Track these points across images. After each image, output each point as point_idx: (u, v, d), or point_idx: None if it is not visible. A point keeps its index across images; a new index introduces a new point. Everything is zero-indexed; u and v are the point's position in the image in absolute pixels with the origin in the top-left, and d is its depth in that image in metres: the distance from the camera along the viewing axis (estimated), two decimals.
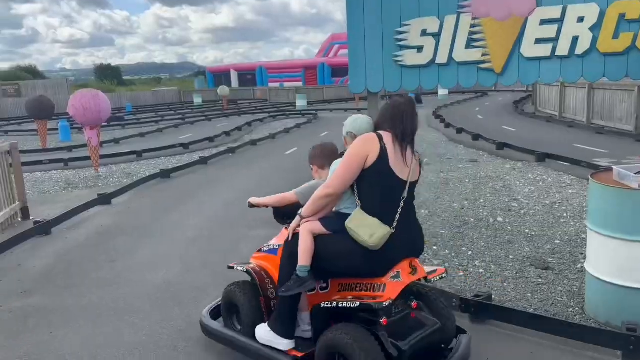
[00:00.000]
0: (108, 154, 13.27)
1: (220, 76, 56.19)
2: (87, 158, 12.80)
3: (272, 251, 3.23)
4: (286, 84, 50.80)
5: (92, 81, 76.47)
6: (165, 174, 10.23)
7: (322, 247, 2.77)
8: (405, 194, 2.73)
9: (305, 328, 3.03)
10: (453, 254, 5.17)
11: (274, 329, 2.94)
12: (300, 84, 50.60)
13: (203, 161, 11.82)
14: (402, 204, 2.72)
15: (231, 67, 55.82)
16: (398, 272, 2.69)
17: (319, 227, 2.80)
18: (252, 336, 3.07)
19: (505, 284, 4.34)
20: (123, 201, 8.22)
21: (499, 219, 6.34)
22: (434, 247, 5.38)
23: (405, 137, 2.72)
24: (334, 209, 2.87)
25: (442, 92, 36.46)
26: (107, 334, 3.71)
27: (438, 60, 5.00)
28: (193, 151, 14.68)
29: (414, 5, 5.01)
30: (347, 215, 2.70)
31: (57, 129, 20.47)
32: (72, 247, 5.83)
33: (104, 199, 7.87)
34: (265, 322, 3.07)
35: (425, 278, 2.84)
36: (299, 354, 2.86)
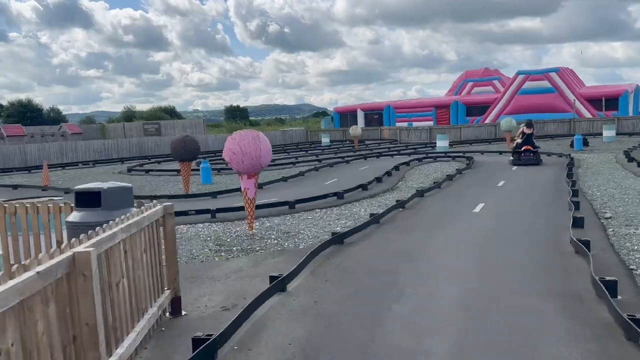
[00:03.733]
0: (258, 204, 11.32)
1: (346, 116, 55.07)
2: (236, 209, 11.00)
3: None
4: (415, 124, 48.13)
5: (222, 122, 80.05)
6: (337, 239, 7.83)
7: None
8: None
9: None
10: None
11: None
12: (430, 123, 47.64)
13: (375, 220, 9.32)
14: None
15: (358, 107, 54.50)
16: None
17: None
18: None
19: None
20: (302, 287, 5.84)
21: None
22: None
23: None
24: None
25: (607, 133, 31.28)
26: None
27: None
28: (349, 202, 12.35)
29: None
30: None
31: (197, 169, 19.54)
32: None
33: (278, 285, 5.54)
34: None
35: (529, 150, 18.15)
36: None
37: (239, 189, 14.59)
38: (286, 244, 8.33)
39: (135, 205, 4.95)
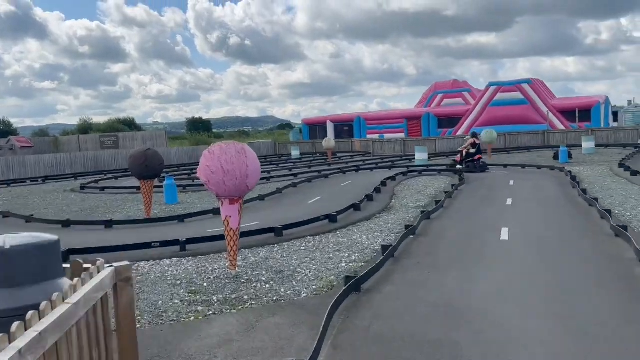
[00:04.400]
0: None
1: (315, 127, 53.49)
2: (210, 238, 8.98)
3: None
4: (386, 135, 47.00)
5: (185, 134, 77.08)
6: (354, 285, 5.95)
7: None
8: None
9: None
10: None
11: None
12: (402, 135, 46.63)
13: (390, 254, 7.49)
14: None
15: (328, 118, 52.97)
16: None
17: None
18: None
19: None
20: None
21: None
22: None
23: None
24: None
25: (586, 144, 30.63)
26: None
27: None
28: (344, 226, 10.52)
29: None
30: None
31: (161, 186, 17.33)
32: None
33: None
34: None
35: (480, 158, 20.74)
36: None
37: (210, 211, 12.61)
38: (282, 289, 6.41)
39: (70, 265, 2.99)
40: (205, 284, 6.80)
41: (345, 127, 51.71)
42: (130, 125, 68.49)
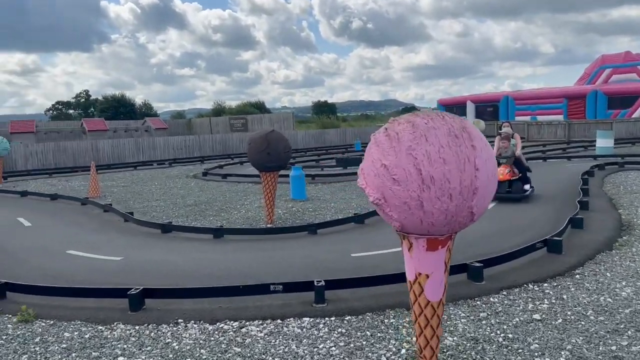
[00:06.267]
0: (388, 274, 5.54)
1: (452, 109, 47.94)
2: (362, 282, 5.30)
3: None
4: (539, 117, 40.26)
5: (310, 117, 75.46)
6: None
7: None
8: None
9: None
10: None
11: None
12: (560, 117, 39.57)
13: None
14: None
15: (468, 98, 47.16)
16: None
17: None
18: None
19: None
20: None
21: None
22: None
23: None
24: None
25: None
26: None
27: None
28: (580, 263, 6.24)
29: None
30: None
31: (286, 176, 14.19)
32: None
33: None
34: None
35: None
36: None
37: (350, 219, 9.01)
38: None
39: None
40: None
41: (489, 108, 45.54)
42: (260, 108, 68.33)
